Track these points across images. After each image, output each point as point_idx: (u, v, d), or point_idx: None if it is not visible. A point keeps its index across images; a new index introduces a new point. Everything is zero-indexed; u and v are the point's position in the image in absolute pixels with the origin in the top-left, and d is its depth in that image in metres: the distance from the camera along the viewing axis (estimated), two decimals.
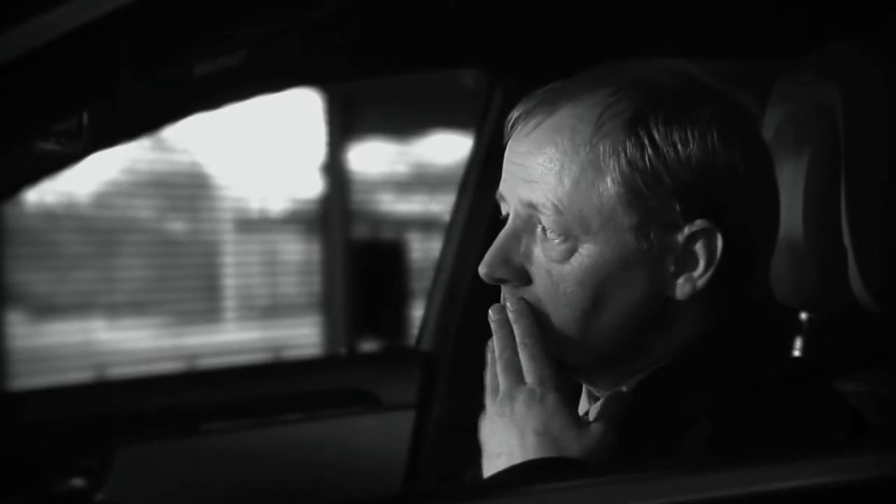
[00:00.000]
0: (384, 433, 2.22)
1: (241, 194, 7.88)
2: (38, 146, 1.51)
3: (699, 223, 1.18)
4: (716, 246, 1.18)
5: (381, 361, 2.44)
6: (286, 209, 8.37)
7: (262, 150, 7.92)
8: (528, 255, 1.21)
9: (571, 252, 1.18)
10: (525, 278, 1.21)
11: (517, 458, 1.17)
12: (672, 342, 1.21)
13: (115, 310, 5.75)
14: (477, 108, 2.23)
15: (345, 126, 8.41)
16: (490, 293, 1.23)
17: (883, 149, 1.30)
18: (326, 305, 6.46)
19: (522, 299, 1.20)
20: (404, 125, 8.57)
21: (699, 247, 1.18)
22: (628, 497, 1.04)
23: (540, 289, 1.20)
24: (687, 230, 1.18)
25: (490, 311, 1.22)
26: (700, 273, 1.19)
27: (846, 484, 1.04)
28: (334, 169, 8.46)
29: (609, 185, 1.17)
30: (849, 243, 1.29)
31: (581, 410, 1.29)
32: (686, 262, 1.19)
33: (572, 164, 1.18)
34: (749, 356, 1.22)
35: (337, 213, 8.46)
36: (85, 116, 1.31)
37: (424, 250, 9.01)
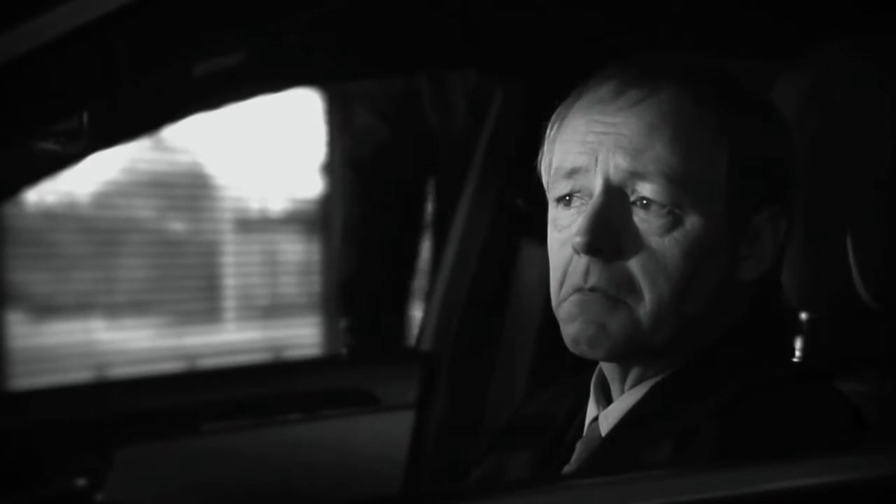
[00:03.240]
0: (384, 433, 2.22)
1: (241, 194, 7.87)
2: (39, 146, 1.51)
3: (775, 206, 1.22)
4: (781, 231, 1.22)
5: (380, 362, 2.44)
6: (286, 209, 8.36)
7: (262, 150, 7.91)
8: (624, 226, 1.20)
9: (675, 224, 1.19)
10: (618, 250, 1.20)
11: None
12: (711, 333, 1.23)
13: (114, 310, 5.75)
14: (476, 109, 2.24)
15: (345, 126, 8.40)
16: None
17: (880, 148, 1.30)
18: (326, 305, 6.46)
19: None
20: None
21: (769, 230, 1.21)
22: (628, 497, 1.04)
23: (635, 261, 1.19)
24: (766, 212, 1.21)
25: None
26: (767, 256, 1.22)
27: (847, 483, 1.05)
28: (334, 169, 8.45)
29: (720, 160, 1.19)
30: (848, 243, 1.29)
31: (590, 416, 1.29)
32: (756, 243, 1.21)
33: (686, 135, 1.18)
34: (760, 358, 1.22)
35: (337, 213, 8.45)
36: (85, 116, 1.31)
37: (425, 250, 9.01)
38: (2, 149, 1.24)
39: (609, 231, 1.19)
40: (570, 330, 1.22)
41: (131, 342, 5.73)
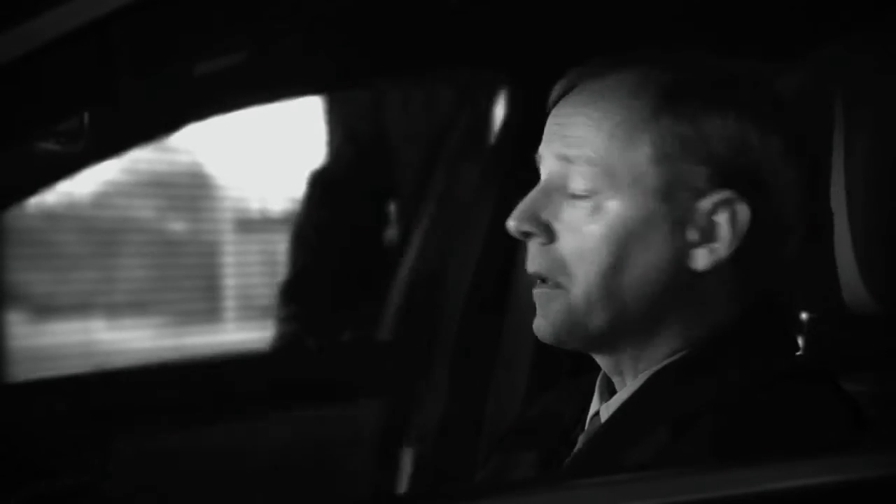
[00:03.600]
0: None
1: (241, 194, 7.86)
2: (40, 146, 1.50)
3: (725, 193, 1.20)
4: (740, 219, 1.20)
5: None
6: (286, 209, 8.35)
7: (262, 150, 7.90)
8: (557, 212, 1.23)
9: (598, 209, 1.20)
10: (551, 235, 1.23)
11: None
12: (695, 327, 1.22)
13: (115, 310, 5.74)
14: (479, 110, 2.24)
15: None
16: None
17: (882, 149, 1.30)
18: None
19: None
20: None
21: (724, 218, 1.20)
22: (628, 497, 1.04)
23: (565, 246, 1.22)
24: (712, 198, 1.20)
25: None
26: (721, 245, 1.20)
27: (847, 483, 1.05)
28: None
29: (642, 144, 1.20)
30: (851, 243, 1.29)
31: (592, 410, 1.29)
32: (710, 232, 1.20)
33: (610, 120, 1.21)
34: (761, 354, 1.22)
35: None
36: (86, 116, 1.31)
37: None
38: (2, 149, 1.24)
39: (538, 216, 1.23)
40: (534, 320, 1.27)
41: (131, 342, 5.73)
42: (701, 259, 1.21)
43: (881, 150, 1.30)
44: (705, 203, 1.21)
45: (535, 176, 1.30)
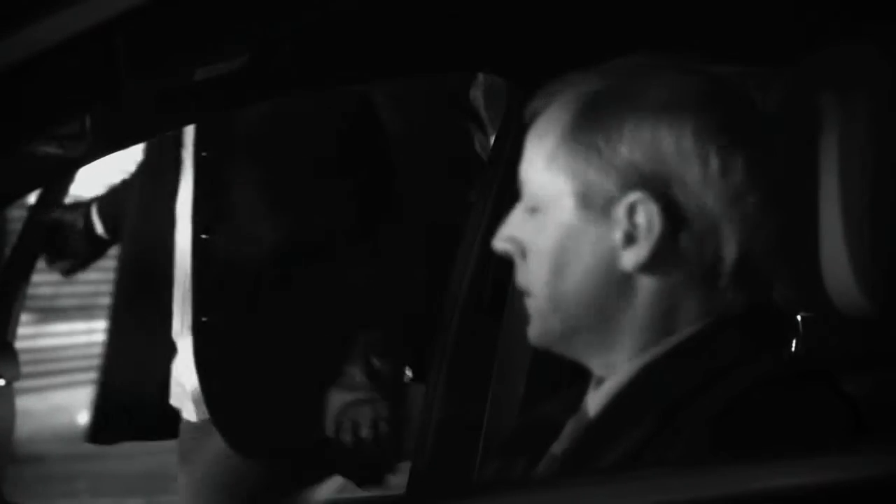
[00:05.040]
0: None
1: None
2: (41, 149, 1.51)
3: (635, 195, 1.25)
4: (652, 218, 1.25)
5: None
6: None
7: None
8: (525, 231, 1.32)
9: (543, 225, 1.29)
10: (523, 252, 1.32)
11: None
12: (657, 327, 1.27)
13: None
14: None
15: None
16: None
17: (878, 151, 1.30)
18: None
19: None
20: None
21: (642, 219, 1.25)
22: (628, 496, 1.05)
23: (530, 259, 1.31)
24: (625, 201, 1.25)
25: None
26: (642, 245, 1.25)
27: (846, 482, 1.05)
28: None
29: (558, 158, 1.28)
30: (845, 244, 1.30)
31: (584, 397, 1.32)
32: (632, 234, 1.26)
33: (547, 137, 1.30)
34: (748, 353, 1.23)
35: None
36: (88, 120, 1.32)
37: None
38: (4, 152, 1.24)
39: (513, 235, 1.32)
40: None
41: None
42: (627, 260, 1.26)
43: (880, 147, 1.30)
44: (620, 207, 1.26)
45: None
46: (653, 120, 1.26)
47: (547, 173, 1.29)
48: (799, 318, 1.50)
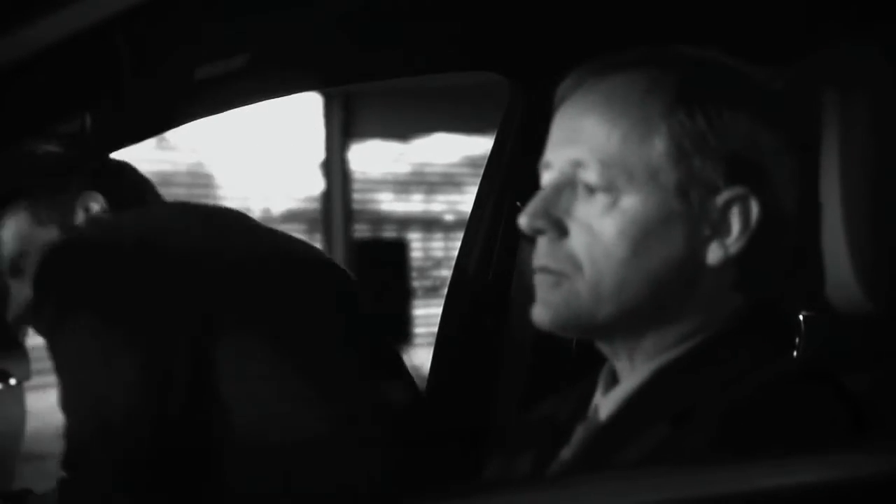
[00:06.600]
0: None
1: (242, 194, 7.87)
2: (42, 148, 1.51)
3: (739, 189, 1.21)
4: (752, 214, 1.21)
5: None
6: (287, 208, 8.37)
7: (262, 149, 7.91)
8: (568, 210, 1.24)
9: (614, 205, 1.22)
10: (563, 230, 1.24)
11: None
12: (698, 320, 1.24)
13: None
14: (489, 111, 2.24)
15: (345, 125, 8.41)
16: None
17: (879, 150, 1.30)
18: None
19: None
20: (404, 125, 8.57)
21: (735, 213, 1.21)
22: (628, 495, 1.04)
23: (577, 241, 1.23)
24: (726, 194, 1.21)
25: None
26: (733, 240, 1.22)
27: (847, 482, 1.05)
28: (334, 168, 8.46)
29: (657, 142, 1.21)
30: (846, 243, 1.30)
31: (594, 401, 1.30)
32: (721, 227, 1.22)
33: (622, 121, 1.22)
34: (761, 353, 1.23)
35: (338, 212, 8.46)
36: (88, 118, 1.32)
37: (425, 249, 9.01)
38: (5, 150, 1.24)
39: (550, 213, 1.24)
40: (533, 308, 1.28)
41: None
42: (713, 254, 1.22)
43: (881, 147, 1.30)
44: (720, 199, 1.22)
45: (534, 178, 1.31)
46: (749, 114, 1.22)
47: (631, 157, 1.22)
48: (801, 317, 1.50)
